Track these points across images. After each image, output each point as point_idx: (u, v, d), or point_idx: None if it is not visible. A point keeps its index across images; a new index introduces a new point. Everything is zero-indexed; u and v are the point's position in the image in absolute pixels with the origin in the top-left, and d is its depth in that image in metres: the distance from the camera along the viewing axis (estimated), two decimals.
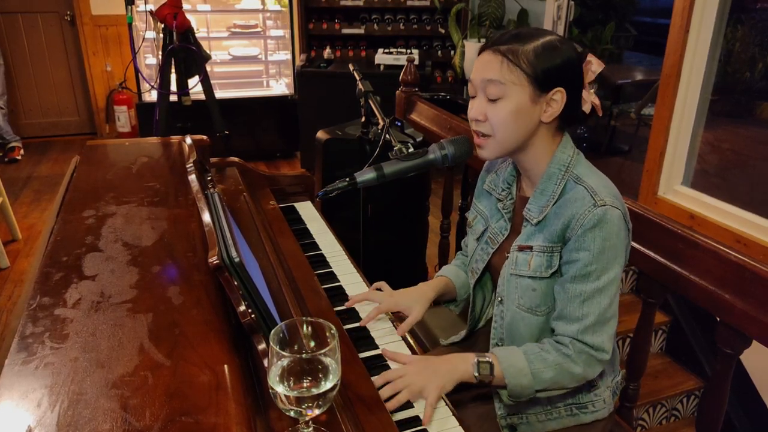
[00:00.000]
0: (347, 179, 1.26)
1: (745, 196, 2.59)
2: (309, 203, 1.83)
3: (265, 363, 0.88)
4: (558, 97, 1.08)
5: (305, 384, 0.81)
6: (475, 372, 1.09)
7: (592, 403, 1.23)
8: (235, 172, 1.76)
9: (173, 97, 3.71)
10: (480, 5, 4.29)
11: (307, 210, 1.78)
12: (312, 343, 0.87)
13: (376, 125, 1.77)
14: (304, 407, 0.81)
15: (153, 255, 1.17)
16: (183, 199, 1.42)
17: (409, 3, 4.73)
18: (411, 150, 1.32)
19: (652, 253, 1.32)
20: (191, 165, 1.37)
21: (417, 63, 3.55)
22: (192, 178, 1.32)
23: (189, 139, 1.65)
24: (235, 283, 0.94)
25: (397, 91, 2.59)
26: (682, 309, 2.31)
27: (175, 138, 1.85)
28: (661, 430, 2.19)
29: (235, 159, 1.81)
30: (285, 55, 4.94)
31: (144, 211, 1.35)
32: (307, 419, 0.84)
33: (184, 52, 3.57)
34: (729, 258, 1.20)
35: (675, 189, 2.69)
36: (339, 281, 1.40)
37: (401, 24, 4.71)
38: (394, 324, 1.26)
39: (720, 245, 1.23)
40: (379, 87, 1.87)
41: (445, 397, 1.08)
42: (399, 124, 2.44)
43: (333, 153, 2.33)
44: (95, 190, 1.47)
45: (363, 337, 1.21)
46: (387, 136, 1.56)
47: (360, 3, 4.69)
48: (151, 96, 4.40)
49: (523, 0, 4.16)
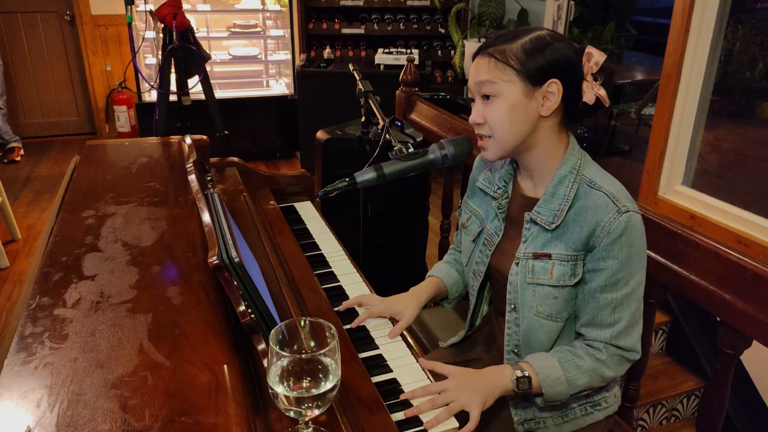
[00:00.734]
0: (347, 179, 1.26)
1: (746, 196, 2.59)
2: (309, 203, 1.82)
3: (265, 363, 0.87)
4: (554, 89, 1.07)
5: (305, 384, 0.81)
6: (515, 388, 1.11)
7: (604, 399, 1.24)
8: (235, 172, 1.76)
9: (173, 97, 3.71)
10: (480, 5, 4.29)
11: (307, 210, 1.78)
12: (312, 343, 0.87)
13: (376, 125, 1.77)
14: (303, 407, 0.81)
15: (153, 255, 1.17)
16: (183, 199, 1.42)
17: (409, 3, 4.73)
18: (411, 150, 1.32)
19: (652, 253, 1.31)
20: (191, 165, 1.37)
21: (417, 63, 3.55)
22: (192, 178, 1.32)
23: (189, 139, 1.64)
24: (235, 283, 0.93)
25: (397, 91, 2.59)
26: (682, 309, 2.31)
27: (175, 138, 1.85)
28: (662, 430, 2.19)
29: (235, 159, 1.81)
30: (285, 55, 4.94)
31: (144, 211, 1.35)
32: (307, 419, 0.84)
33: (183, 51, 3.57)
34: (729, 258, 1.19)
35: (675, 189, 2.69)
36: (339, 281, 1.40)
37: (401, 24, 4.71)
38: (394, 324, 1.25)
39: (720, 245, 1.22)
40: (379, 87, 1.87)
41: None
42: (399, 124, 2.43)
43: (333, 153, 2.33)
44: (95, 190, 1.47)
45: (363, 337, 1.21)
46: (387, 135, 1.55)
47: (360, 3, 4.68)
48: (151, 96, 4.40)
49: (523, 0, 4.16)
